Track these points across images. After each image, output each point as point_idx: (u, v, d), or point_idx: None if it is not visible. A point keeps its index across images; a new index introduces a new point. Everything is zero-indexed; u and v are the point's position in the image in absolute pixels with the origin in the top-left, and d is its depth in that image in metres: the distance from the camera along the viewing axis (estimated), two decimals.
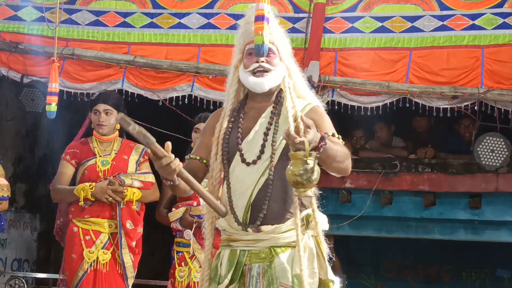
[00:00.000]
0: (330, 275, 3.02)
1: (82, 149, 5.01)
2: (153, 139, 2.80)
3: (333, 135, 3.08)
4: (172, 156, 2.82)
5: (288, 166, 2.80)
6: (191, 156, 3.24)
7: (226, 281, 3.06)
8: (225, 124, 3.18)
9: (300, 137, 2.79)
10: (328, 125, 3.14)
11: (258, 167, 3.06)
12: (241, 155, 3.11)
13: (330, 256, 3.10)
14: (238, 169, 3.10)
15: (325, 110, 3.27)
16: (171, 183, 2.93)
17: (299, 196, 2.85)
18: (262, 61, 3.15)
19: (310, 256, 3.01)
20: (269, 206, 3.02)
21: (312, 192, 2.84)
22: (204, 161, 3.20)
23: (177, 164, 2.83)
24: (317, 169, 2.79)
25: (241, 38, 3.26)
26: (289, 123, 3.05)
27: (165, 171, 2.84)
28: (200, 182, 3.10)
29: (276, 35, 3.22)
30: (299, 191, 2.81)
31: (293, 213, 3.01)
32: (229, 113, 3.20)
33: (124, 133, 5.15)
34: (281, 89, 3.20)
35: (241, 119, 3.18)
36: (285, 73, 3.19)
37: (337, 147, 3.00)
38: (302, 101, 3.18)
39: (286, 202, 3.04)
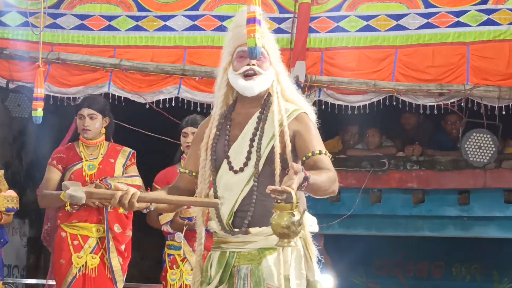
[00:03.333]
0: (318, 276, 3.02)
1: (68, 154, 5.00)
2: (82, 196, 2.92)
3: (319, 152, 3.01)
4: (119, 191, 2.92)
5: (274, 216, 2.70)
6: (181, 170, 3.26)
7: (215, 282, 3.07)
8: (213, 131, 3.16)
9: (288, 185, 2.67)
10: (314, 138, 3.07)
11: (244, 175, 3.05)
12: (229, 163, 3.09)
13: (319, 257, 3.10)
14: (226, 177, 3.09)
15: (313, 110, 3.25)
16: (146, 210, 3.02)
17: (282, 246, 2.77)
18: (253, 64, 3.13)
19: (297, 258, 3.01)
20: (254, 212, 3.02)
21: (295, 241, 2.77)
22: (194, 174, 3.21)
23: (131, 193, 2.90)
24: (303, 221, 2.71)
25: (231, 41, 3.22)
26: (274, 129, 3.05)
27: (125, 206, 2.91)
28: (191, 195, 3.16)
29: (267, 39, 3.21)
30: (282, 242, 2.72)
31: None
32: (217, 118, 3.18)
33: (110, 137, 5.14)
34: (269, 94, 3.17)
35: (228, 126, 3.16)
36: (274, 78, 3.17)
37: (322, 177, 2.90)
38: (291, 106, 3.15)
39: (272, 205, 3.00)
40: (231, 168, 3.08)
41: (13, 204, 5.21)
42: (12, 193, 5.23)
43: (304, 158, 3.03)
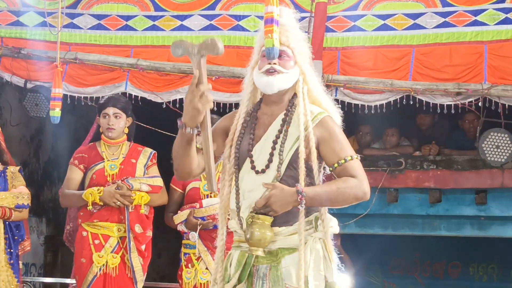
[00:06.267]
0: (336, 277, 3.02)
1: (90, 154, 5.02)
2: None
3: (345, 160, 3.01)
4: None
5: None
6: (197, 145, 3.21)
7: (234, 280, 3.09)
8: (239, 128, 3.17)
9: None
10: (340, 144, 3.06)
11: (266, 177, 3.05)
12: (252, 162, 3.10)
13: (339, 257, 3.10)
14: (248, 176, 3.10)
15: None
16: (190, 130, 2.92)
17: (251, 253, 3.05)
18: (274, 63, 3.13)
19: (316, 259, 3.01)
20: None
21: (262, 251, 3.01)
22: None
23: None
24: (254, 232, 2.97)
25: (259, 40, 3.25)
26: (299, 132, 3.04)
27: (197, 101, 2.82)
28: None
29: (294, 38, 3.19)
30: (250, 249, 3.02)
31: (299, 219, 3.01)
32: (243, 115, 3.19)
33: (132, 137, 5.16)
34: (295, 95, 3.16)
35: (253, 125, 3.17)
36: (298, 78, 3.15)
37: (331, 186, 2.97)
38: (316, 108, 3.13)
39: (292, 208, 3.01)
40: (253, 167, 3.09)
41: (23, 200, 5.07)
42: (22, 189, 5.16)
43: (331, 169, 3.07)
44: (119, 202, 4.83)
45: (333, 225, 3.12)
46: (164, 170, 5.20)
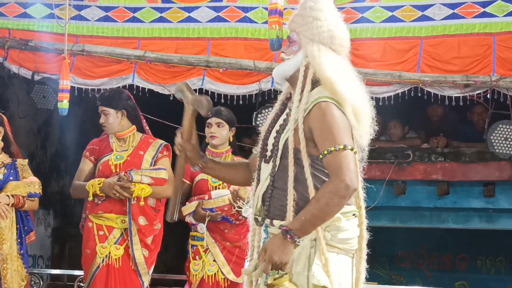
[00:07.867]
0: (316, 280, 2.86)
1: (101, 145, 5.02)
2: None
3: (327, 152, 2.82)
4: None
5: None
6: (253, 150, 3.24)
7: (251, 268, 3.01)
8: (272, 115, 3.13)
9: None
10: (323, 135, 2.86)
11: (268, 167, 3.01)
12: (265, 151, 3.06)
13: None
14: (261, 164, 3.07)
15: None
16: (193, 168, 3.26)
17: None
18: (283, 52, 3.08)
19: (303, 258, 2.90)
20: (271, 206, 2.98)
21: None
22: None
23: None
24: None
25: None
26: (291, 121, 2.96)
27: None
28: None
29: (301, 22, 3.03)
30: None
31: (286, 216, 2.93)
32: (279, 102, 3.15)
33: (143, 128, 5.10)
34: (312, 82, 2.99)
35: (280, 112, 3.11)
36: (302, 62, 3.00)
37: (311, 206, 2.79)
38: (319, 93, 2.93)
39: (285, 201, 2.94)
40: (264, 156, 3.05)
41: (34, 189, 5.11)
42: (33, 179, 5.20)
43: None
44: (118, 194, 4.81)
45: (337, 224, 2.93)
46: (172, 162, 5.18)
